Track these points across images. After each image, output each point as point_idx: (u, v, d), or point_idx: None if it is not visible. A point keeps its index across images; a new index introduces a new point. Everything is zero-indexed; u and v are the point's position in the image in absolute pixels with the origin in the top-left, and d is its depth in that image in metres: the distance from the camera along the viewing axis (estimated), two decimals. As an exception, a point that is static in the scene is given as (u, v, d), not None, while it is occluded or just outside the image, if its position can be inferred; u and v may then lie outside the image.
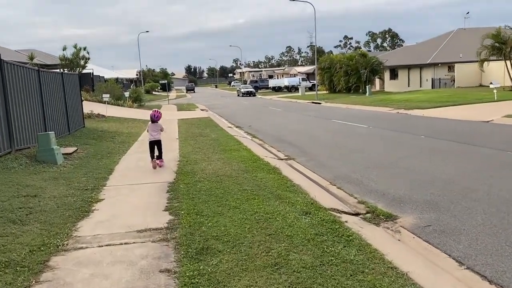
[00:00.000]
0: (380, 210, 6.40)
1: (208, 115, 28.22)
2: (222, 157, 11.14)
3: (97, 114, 24.62)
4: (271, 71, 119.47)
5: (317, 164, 10.39)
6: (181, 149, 13.00)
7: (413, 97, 31.14)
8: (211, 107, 38.42)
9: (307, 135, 16.17)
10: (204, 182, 8.17)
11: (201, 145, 13.73)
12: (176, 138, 15.96)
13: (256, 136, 16.55)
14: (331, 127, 18.25)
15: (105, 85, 38.19)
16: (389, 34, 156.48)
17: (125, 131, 18.56)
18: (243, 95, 61.25)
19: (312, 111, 27.78)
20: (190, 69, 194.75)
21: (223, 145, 13.47)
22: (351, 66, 45.06)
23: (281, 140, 15.12)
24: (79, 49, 40.91)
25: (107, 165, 10.43)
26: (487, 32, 54.17)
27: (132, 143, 14.75)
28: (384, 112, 24.11)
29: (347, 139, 14.40)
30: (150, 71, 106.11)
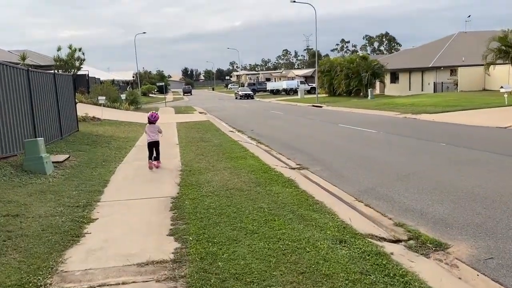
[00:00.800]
0: (425, 236, 5.41)
1: (207, 119, 27.21)
2: (229, 166, 10.13)
3: (92, 117, 23.56)
4: (268, 74, 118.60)
5: (334, 174, 9.40)
6: (182, 156, 11.99)
7: (418, 101, 30.25)
8: (209, 110, 37.41)
9: (316, 140, 15.19)
10: (212, 197, 7.16)
11: (203, 151, 12.73)
12: (176, 143, 14.94)
13: (261, 141, 15.55)
14: (339, 132, 17.28)
15: (100, 87, 37.14)
16: (386, 38, 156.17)
17: (121, 135, 17.52)
18: (241, 98, 60.28)
19: (315, 115, 26.82)
20: (187, 72, 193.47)
21: (227, 151, 12.47)
22: (352, 69, 44.19)
23: (288, 146, 14.13)
24: (74, 50, 39.79)
25: (101, 175, 9.40)
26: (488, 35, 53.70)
27: (129, 149, 13.72)
28: (391, 117, 23.17)
29: (360, 146, 13.42)
30: (147, 73, 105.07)
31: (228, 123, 24.51)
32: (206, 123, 23.64)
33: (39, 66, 32.97)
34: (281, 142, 15.26)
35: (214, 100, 60.65)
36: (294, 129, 19.61)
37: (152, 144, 10.41)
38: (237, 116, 29.10)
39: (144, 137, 14.00)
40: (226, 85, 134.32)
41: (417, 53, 52.53)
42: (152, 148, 10.42)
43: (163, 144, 13.78)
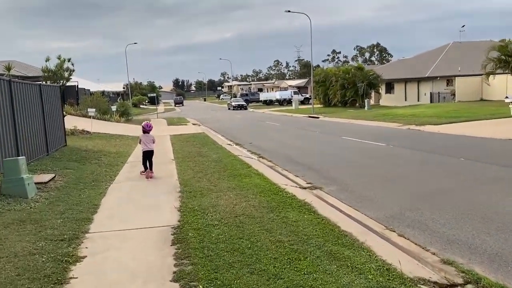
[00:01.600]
0: (487, 280, 4.46)
1: (202, 130, 26.21)
2: (233, 185, 9.14)
3: (82, 130, 22.45)
4: (260, 85, 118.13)
5: (353, 196, 8.44)
6: (180, 173, 10.97)
7: (418, 111, 29.54)
8: (203, 122, 36.41)
9: (321, 155, 14.25)
10: (220, 227, 6.16)
11: (202, 168, 11.72)
12: (172, 159, 13.92)
13: (263, 156, 14.58)
14: (345, 145, 16.36)
15: (90, 98, 35.99)
16: (377, 48, 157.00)
17: (112, 150, 16.45)
18: (234, 108, 59.39)
19: (313, 126, 25.93)
20: (178, 82, 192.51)
21: (229, 168, 11.48)
22: (348, 79, 43.52)
23: (293, 161, 13.17)
24: (63, 60, 38.60)
25: (91, 198, 8.34)
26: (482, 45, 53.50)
27: (121, 166, 12.67)
28: (394, 128, 22.35)
29: (372, 161, 12.48)
30: (137, 84, 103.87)
31: (224, 135, 23.53)
32: (201, 135, 22.65)
33: (27, 77, 31.85)
34: (284, 156, 14.29)
35: (207, 111, 59.66)
36: (295, 141, 18.67)
37: (147, 153, 10.76)
38: (233, 128, 28.14)
39: (136, 151, 13.03)
40: (218, 96, 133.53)
41: (412, 63, 52.14)
42: (146, 157, 10.77)
43: (157, 160, 12.89)
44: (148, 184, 9.81)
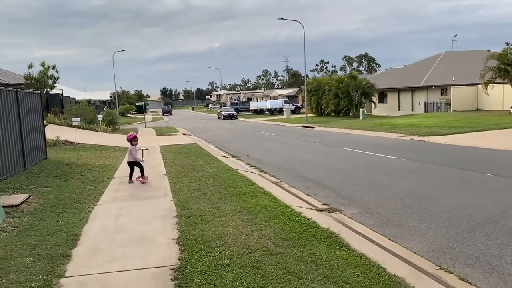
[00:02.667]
0: None
1: (193, 141, 24.85)
2: (238, 208, 7.84)
3: (65, 140, 20.94)
4: (249, 94, 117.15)
5: (381, 221, 7.19)
6: (174, 192, 9.63)
7: (416, 121, 28.57)
8: (193, 131, 35.04)
9: (328, 169, 13.00)
10: (233, 269, 4.85)
11: (199, 185, 10.40)
12: (164, 173, 12.55)
13: (264, 170, 13.30)
14: (351, 158, 15.16)
15: (75, 107, 34.40)
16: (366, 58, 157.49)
17: (97, 163, 15.02)
18: (224, 118, 58.16)
19: (311, 137, 24.76)
20: (166, 91, 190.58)
21: (230, 185, 10.18)
22: (341, 88, 42.58)
23: (299, 176, 11.91)
24: (47, 67, 37.04)
25: (70, 226, 6.96)
26: (474, 55, 53.30)
27: (107, 182, 11.27)
28: (396, 139, 21.26)
29: (386, 177, 11.25)
30: (125, 93, 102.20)
31: (217, 146, 22.22)
32: (193, 146, 21.29)
33: (8, 84, 30.19)
34: (287, 170, 13.03)
35: (196, 120, 58.27)
36: (295, 153, 17.42)
37: (133, 163, 11.23)
38: (225, 138, 26.83)
39: (124, 165, 11.74)
40: (207, 105, 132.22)
41: (405, 73, 51.56)
42: (133, 166, 11.23)
43: (148, 175, 11.51)
44: (139, 206, 8.45)
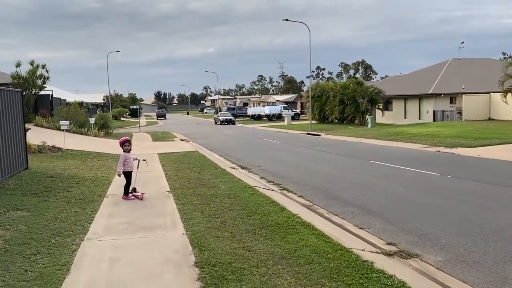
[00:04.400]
0: None
1: (193, 148, 22.69)
2: (278, 250, 5.72)
3: (52, 146, 18.71)
4: (246, 99, 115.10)
5: (489, 276, 5.10)
6: (185, 220, 7.48)
7: (432, 131, 26.59)
8: (191, 137, 32.86)
9: (365, 188, 10.84)
10: None
11: (215, 209, 8.27)
12: (167, 191, 10.39)
13: (286, 187, 11.19)
14: (385, 173, 13.03)
15: (66, 109, 32.06)
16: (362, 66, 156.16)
17: (87, 174, 12.82)
18: (221, 123, 56.01)
19: (322, 146, 22.67)
20: (160, 95, 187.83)
21: (253, 209, 8.07)
22: (347, 94, 40.59)
23: (333, 196, 9.81)
24: (37, 66, 34.76)
25: (44, 279, 4.78)
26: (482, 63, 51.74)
27: (99, 202, 9.08)
28: (421, 151, 19.22)
29: (452, 203, 9.04)
30: (118, 96, 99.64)
31: (221, 154, 20.08)
32: (195, 155, 19.13)
33: (-7, 83, 27.86)
34: (315, 188, 10.92)
35: (192, 125, 56.07)
36: (314, 166, 15.30)
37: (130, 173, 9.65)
38: (228, 146, 24.67)
39: (119, 178, 9.66)
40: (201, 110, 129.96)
41: (410, 80, 49.71)
42: (130, 176, 9.63)
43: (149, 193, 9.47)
44: (141, 244, 6.27)
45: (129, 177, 9.58)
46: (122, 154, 9.59)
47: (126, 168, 9.54)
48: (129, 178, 9.57)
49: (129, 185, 9.58)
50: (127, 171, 9.55)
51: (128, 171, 9.56)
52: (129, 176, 9.58)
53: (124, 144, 9.63)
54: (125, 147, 9.62)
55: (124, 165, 9.50)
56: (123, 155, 9.56)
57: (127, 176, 9.56)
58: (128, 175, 9.57)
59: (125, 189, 9.52)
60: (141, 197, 9.50)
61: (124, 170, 9.52)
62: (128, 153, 9.66)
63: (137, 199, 9.44)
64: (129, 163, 9.57)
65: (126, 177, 9.55)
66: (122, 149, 9.70)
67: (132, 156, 9.81)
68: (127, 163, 9.51)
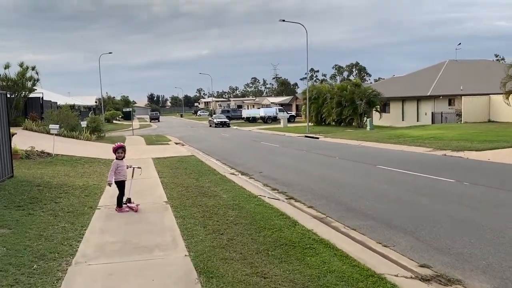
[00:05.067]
0: None
1: (189, 152, 21.83)
2: (298, 277, 4.92)
3: (41, 151, 17.77)
4: (240, 101, 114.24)
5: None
6: (187, 237, 6.64)
7: (434, 133, 25.93)
8: (186, 140, 31.98)
9: (381, 197, 10.03)
10: None
11: (218, 223, 7.45)
12: (165, 201, 9.55)
13: (293, 196, 10.39)
14: (397, 180, 12.24)
15: (57, 112, 31.06)
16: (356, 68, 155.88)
17: (78, 182, 11.93)
18: (216, 125, 55.13)
19: (323, 149, 21.91)
20: (153, 98, 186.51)
21: (261, 223, 7.26)
22: (345, 96, 39.90)
23: (346, 207, 9.01)
24: (26, 68, 33.76)
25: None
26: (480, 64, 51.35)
27: (90, 215, 8.22)
28: (427, 154, 18.52)
29: (479, 215, 8.31)
30: (111, 98, 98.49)
31: (219, 159, 19.25)
32: (191, 159, 18.28)
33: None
34: (325, 197, 10.12)
35: (187, 128, 55.14)
36: (319, 171, 14.51)
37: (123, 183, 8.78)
38: (225, 150, 23.84)
39: (111, 187, 8.81)
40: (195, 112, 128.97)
41: (408, 82, 49.18)
42: (123, 186, 8.74)
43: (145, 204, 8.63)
44: (138, 269, 5.42)
45: (122, 187, 8.74)
46: (114, 162, 8.75)
47: (118, 177, 8.71)
48: (122, 188, 8.73)
49: (122, 195, 8.75)
50: (120, 180, 8.73)
51: (121, 180, 8.74)
52: (122, 185, 8.74)
53: (117, 151, 8.80)
54: (118, 154, 8.79)
55: (116, 173, 8.68)
56: (115, 162, 8.72)
57: (120, 186, 8.72)
58: (121, 185, 8.73)
59: (118, 200, 8.69)
60: (136, 209, 8.68)
61: (116, 179, 8.69)
62: (121, 160, 8.83)
63: (131, 211, 8.61)
64: (121, 171, 8.73)
65: (119, 187, 8.72)
66: (115, 156, 8.88)
67: (126, 164, 8.98)
68: (119, 172, 8.68)
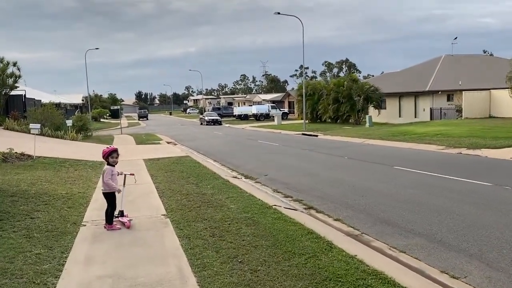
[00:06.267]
0: None
1: (183, 152, 20.30)
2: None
3: (20, 154, 16.10)
4: (230, 99, 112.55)
5: None
6: (196, 267, 5.17)
7: (439, 130, 24.67)
8: (179, 140, 30.40)
9: (419, 205, 8.65)
10: None
11: (234, 245, 5.99)
12: (163, 214, 8.04)
13: (309, 203, 8.96)
14: (422, 183, 10.87)
15: (40, 110, 29.21)
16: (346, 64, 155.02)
17: (60, 190, 10.34)
18: (207, 123, 53.57)
19: (327, 148, 20.51)
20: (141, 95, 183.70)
21: (288, 248, 5.81)
22: (342, 92, 38.56)
23: (378, 218, 7.61)
24: (7, 63, 31.78)
25: None
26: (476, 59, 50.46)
27: (73, 236, 6.68)
28: (441, 153, 17.21)
29: None
30: (98, 96, 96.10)
31: (217, 160, 17.77)
32: (186, 160, 16.76)
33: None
34: (348, 206, 8.70)
35: (177, 126, 53.45)
36: (330, 174, 13.06)
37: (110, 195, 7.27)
38: (222, 149, 22.33)
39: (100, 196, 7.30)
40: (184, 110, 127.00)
41: (404, 77, 47.99)
42: (113, 200, 7.26)
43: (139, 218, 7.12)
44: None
45: (113, 200, 7.22)
46: (108, 168, 7.21)
47: (105, 188, 7.21)
48: (113, 200, 7.22)
49: (113, 209, 7.24)
50: (110, 192, 7.21)
51: (111, 192, 7.22)
52: (113, 198, 7.23)
53: (110, 155, 7.23)
54: (112, 160, 7.24)
55: (105, 184, 7.17)
56: (110, 169, 7.19)
57: (110, 198, 7.21)
58: (111, 197, 7.22)
59: (108, 216, 7.16)
60: (128, 225, 7.18)
61: (106, 190, 7.18)
62: (114, 167, 7.31)
63: (123, 227, 7.12)
64: (114, 180, 7.22)
65: (109, 200, 7.21)
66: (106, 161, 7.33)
67: (117, 171, 7.45)
68: (106, 180, 7.17)
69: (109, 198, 7.20)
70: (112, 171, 7.20)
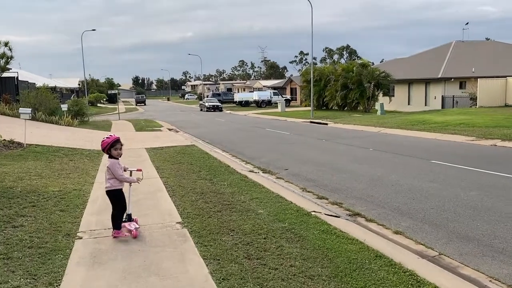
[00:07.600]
0: None
1: (188, 141, 18.72)
2: None
3: (9, 141, 14.49)
4: (229, 84, 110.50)
5: None
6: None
7: (461, 119, 23.07)
8: (179, 126, 28.81)
9: (479, 210, 7.13)
10: None
11: (281, 274, 4.45)
12: (178, 222, 6.48)
13: (351, 208, 7.42)
14: (482, 183, 9.33)
15: (33, 94, 27.45)
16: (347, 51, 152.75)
17: (52, 187, 8.74)
18: (208, 109, 51.89)
19: (343, 138, 18.93)
20: (138, 80, 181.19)
21: (359, 283, 4.24)
22: (352, 78, 36.84)
23: (447, 229, 6.09)
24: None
25: None
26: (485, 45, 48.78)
27: (64, 254, 5.12)
28: (471, 144, 15.66)
29: None
30: (94, 81, 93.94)
31: (225, 149, 16.24)
32: (193, 150, 15.17)
33: None
34: (402, 212, 7.16)
35: (177, 112, 51.75)
36: (361, 169, 11.47)
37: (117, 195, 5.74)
38: (228, 138, 20.73)
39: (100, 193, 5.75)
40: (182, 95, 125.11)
41: (413, 64, 46.22)
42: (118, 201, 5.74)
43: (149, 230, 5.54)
44: None
45: (121, 200, 5.71)
46: (113, 162, 5.64)
47: (115, 184, 5.67)
48: (120, 200, 5.71)
49: (122, 212, 5.74)
50: (117, 189, 5.69)
51: (118, 188, 5.70)
52: (121, 197, 5.72)
53: (113, 146, 5.68)
54: (116, 151, 5.70)
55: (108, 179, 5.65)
56: (115, 162, 5.63)
57: (117, 198, 5.70)
58: (118, 196, 5.71)
59: (115, 220, 5.67)
60: (134, 234, 5.65)
61: (112, 187, 5.65)
62: (118, 160, 5.75)
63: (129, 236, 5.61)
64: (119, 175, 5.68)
65: (116, 200, 5.71)
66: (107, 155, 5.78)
67: (122, 165, 5.90)
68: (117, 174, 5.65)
69: (115, 197, 5.68)
70: (118, 163, 5.67)
